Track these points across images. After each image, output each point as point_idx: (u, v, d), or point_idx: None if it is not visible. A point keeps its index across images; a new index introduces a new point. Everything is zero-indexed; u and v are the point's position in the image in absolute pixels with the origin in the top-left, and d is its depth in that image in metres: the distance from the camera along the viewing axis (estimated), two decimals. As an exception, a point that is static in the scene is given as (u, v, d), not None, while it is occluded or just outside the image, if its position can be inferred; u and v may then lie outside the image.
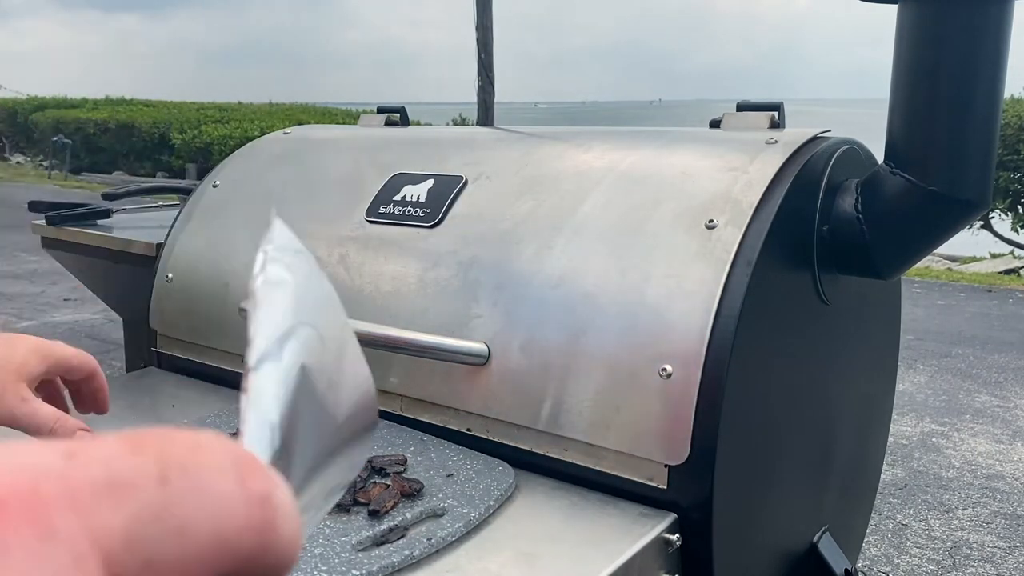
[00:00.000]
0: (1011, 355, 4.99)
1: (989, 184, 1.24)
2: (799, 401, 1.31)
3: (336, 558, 0.93)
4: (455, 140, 1.63)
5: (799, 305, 1.26)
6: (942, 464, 3.51)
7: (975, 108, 1.19)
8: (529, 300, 1.18)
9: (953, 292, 6.80)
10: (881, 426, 1.74)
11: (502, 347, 1.18)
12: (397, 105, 1.91)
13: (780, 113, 1.35)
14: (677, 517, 1.06)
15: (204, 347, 1.52)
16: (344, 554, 0.94)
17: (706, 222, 1.12)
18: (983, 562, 2.75)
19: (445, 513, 1.03)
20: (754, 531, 1.22)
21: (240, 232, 1.54)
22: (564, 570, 0.92)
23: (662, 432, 1.05)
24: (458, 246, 1.28)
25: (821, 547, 1.40)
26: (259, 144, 1.81)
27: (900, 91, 1.24)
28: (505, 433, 1.19)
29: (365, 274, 1.35)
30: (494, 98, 2.48)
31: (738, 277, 1.06)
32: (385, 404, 1.31)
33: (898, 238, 1.28)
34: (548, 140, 1.48)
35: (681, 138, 1.36)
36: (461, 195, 1.35)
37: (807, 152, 1.22)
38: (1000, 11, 1.16)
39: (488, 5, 2.38)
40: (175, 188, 2.68)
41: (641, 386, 1.07)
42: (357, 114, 8.01)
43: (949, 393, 4.35)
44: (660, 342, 1.07)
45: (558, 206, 1.25)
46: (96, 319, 5.43)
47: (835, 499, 1.51)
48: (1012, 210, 8.36)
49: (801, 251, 1.23)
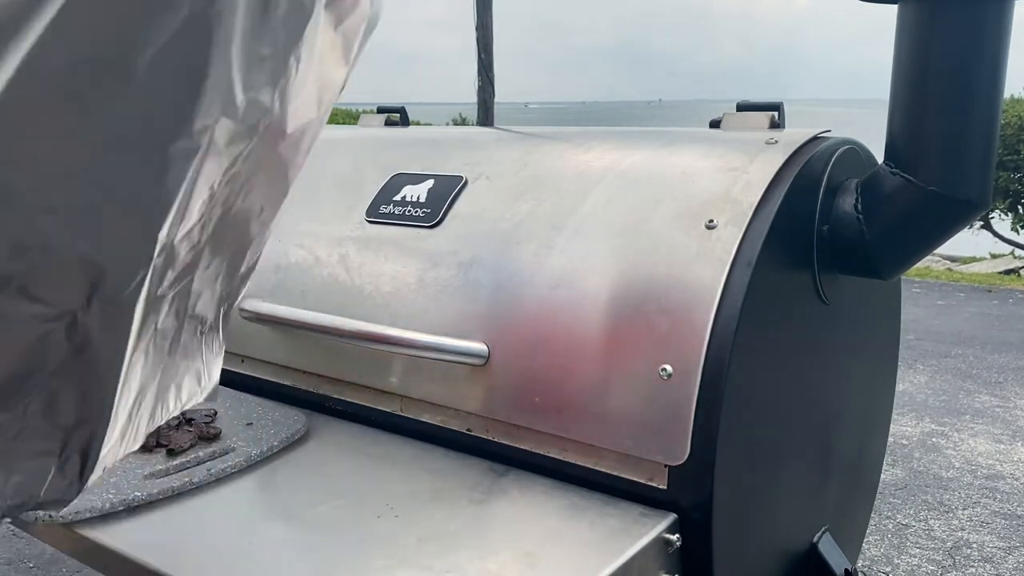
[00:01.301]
0: (1011, 355, 4.99)
1: (989, 184, 1.24)
2: (799, 401, 1.31)
3: (127, 484, 1.11)
4: (455, 140, 1.63)
5: (799, 305, 1.26)
6: (942, 464, 3.51)
7: (975, 108, 1.19)
8: (529, 300, 1.18)
9: (953, 292, 6.80)
10: (881, 426, 1.74)
11: (502, 347, 1.18)
12: (397, 105, 1.91)
13: (780, 113, 1.35)
14: (677, 517, 1.06)
15: (204, 347, 1.52)
16: (134, 481, 1.12)
17: (706, 222, 1.12)
18: (983, 562, 2.75)
19: (232, 451, 1.22)
20: (754, 531, 1.22)
21: (240, 232, 1.54)
22: (564, 570, 0.93)
23: (662, 432, 1.05)
24: (458, 246, 1.28)
25: (821, 547, 1.40)
26: (259, 144, 1.81)
27: (900, 91, 1.24)
28: (505, 433, 1.19)
29: (365, 274, 1.35)
30: (494, 98, 2.48)
31: (738, 277, 1.06)
32: (385, 404, 1.31)
33: (898, 238, 1.28)
34: (548, 140, 1.48)
35: (681, 138, 1.36)
36: (461, 195, 1.35)
37: (807, 152, 1.21)
38: (1000, 11, 1.16)
39: (488, 5, 2.38)
40: (175, 188, 2.67)
41: (641, 386, 1.07)
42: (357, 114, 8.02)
43: (949, 393, 4.35)
44: (660, 342, 1.07)
45: (558, 206, 1.25)
46: (96, 319, 5.41)
47: (835, 499, 1.51)
48: (1012, 210, 8.36)
49: (801, 251, 1.23)
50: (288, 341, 1.40)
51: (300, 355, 1.39)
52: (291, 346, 1.40)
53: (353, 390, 1.35)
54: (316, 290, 1.38)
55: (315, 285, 1.39)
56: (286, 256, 1.44)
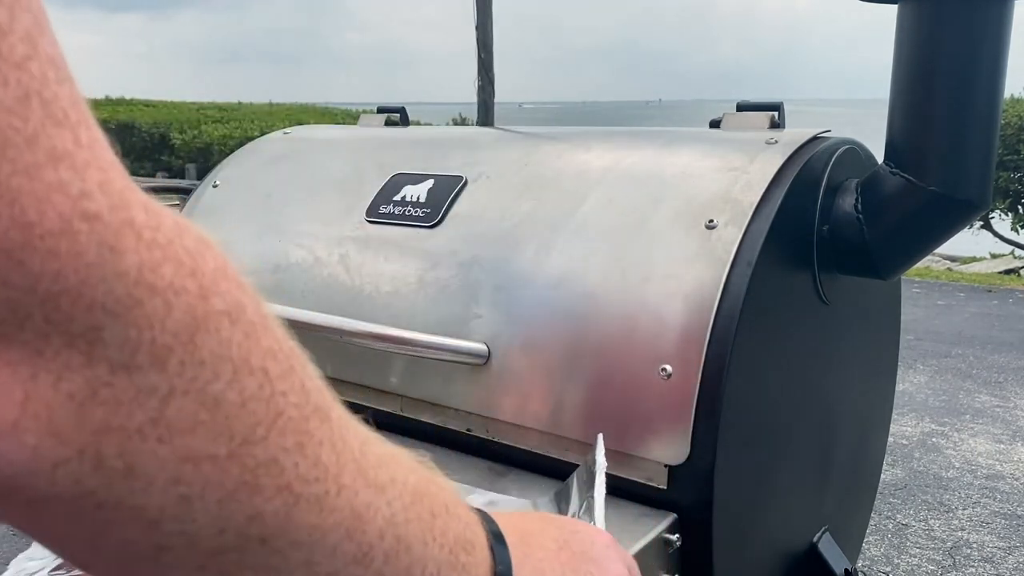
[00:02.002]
0: (1011, 355, 4.99)
1: (989, 184, 1.24)
2: (799, 401, 1.31)
3: None
4: (455, 140, 1.63)
5: (799, 305, 1.26)
6: (942, 464, 3.51)
7: (975, 108, 1.19)
8: (529, 300, 1.18)
9: (953, 292, 6.80)
10: (881, 426, 1.74)
11: (502, 347, 1.18)
12: (397, 105, 1.91)
13: (780, 113, 1.35)
14: (677, 517, 1.06)
15: (204, 347, 1.52)
16: None
17: (706, 222, 1.12)
18: (983, 562, 2.75)
19: None
20: (754, 531, 1.22)
21: (240, 232, 1.54)
22: (564, 570, 0.92)
23: (662, 432, 1.05)
24: (458, 246, 1.28)
25: (821, 547, 1.40)
26: (259, 144, 1.81)
27: (900, 91, 1.24)
28: (505, 433, 1.19)
29: (365, 274, 1.35)
30: (494, 98, 2.48)
31: (738, 277, 1.06)
32: (385, 404, 1.31)
33: (898, 238, 1.28)
34: (548, 140, 1.48)
35: (681, 138, 1.36)
36: (461, 195, 1.35)
37: (807, 152, 1.21)
38: (1000, 11, 1.16)
39: (488, 5, 2.38)
40: (175, 188, 2.69)
41: (641, 386, 1.07)
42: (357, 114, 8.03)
43: (949, 393, 4.35)
44: (660, 342, 1.07)
45: (558, 206, 1.25)
46: (96, 319, 5.42)
47: (835, 499, 1.51)
48: (1012, 210, 8.36)
49: (801, 251, 1.23)
50: (288, 341, 1.40)
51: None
52: (291, 346, 1.40)
53: (353, 390, 1.35)
54: (316, 290, 1.38)
55: (315, 285, 1.39)
56: (286, 256, 1.44)
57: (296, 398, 0.37)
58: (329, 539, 0.39)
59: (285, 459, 0.36)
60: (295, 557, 0.38)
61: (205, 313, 0.32)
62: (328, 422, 0.39)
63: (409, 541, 0.42)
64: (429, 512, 0.43)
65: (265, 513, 0.36)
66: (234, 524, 0.35)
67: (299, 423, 0.37)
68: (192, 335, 0.32)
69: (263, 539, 0.36)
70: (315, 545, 0.38)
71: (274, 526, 0.36)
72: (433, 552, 0.43)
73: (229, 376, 0.33)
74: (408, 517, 0.42)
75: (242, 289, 0.35)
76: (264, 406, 0.35)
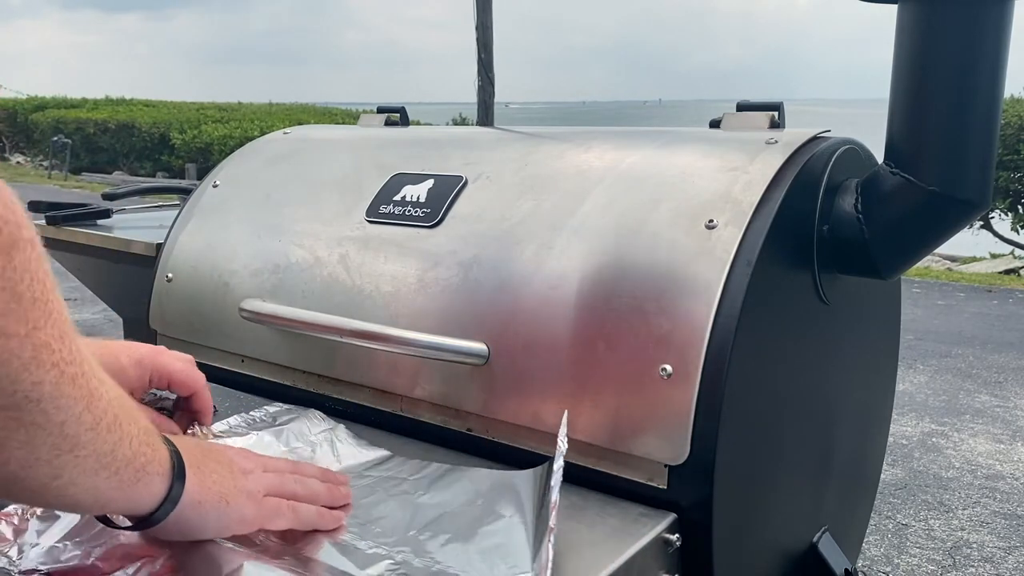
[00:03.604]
0: (1011, 355, 4.99)
1: (989, 184, 1.24)
2: (799, 401, 1.31)
3: None
4: (455, 140, 1.63)
5: (799, 305, 1.26)
6: (942, 464, 3.51)
7: (975, 108, 1.19)
8: (529, 300, 1.18)
9: (953, 292, 6.80)
10: (881, 426, 1.74)
11: (502, 347, 1.18)
12: (397, 105, 1.91)
13: (780, 113, 1.35)
14: (677, 517, 1.06)
15: (204, 347, 1.52)
16: None
17: (706, 222, 1.12)
18: (983, 562, 2.75)
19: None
20: (754, 531, 1.22)
21: (240, 232, 1.54)
22: (564, 570, 0.92)
23: (662, 432, 1.05)
24: (458, 246, 1.28)
25: (821, 547, 1.40)
26: (259, 144, 1.81)
27: (900, 91, 1.24)
28: (505, 433, 1.19)
29: (365, 274, 1.35)
30: (494, 98, 2.48)
31: (738, 277, 1.06)
32: (385, 404, 1.31)
33: (898, 238, 1.28)
34: (548, 140, 1.48)
35: (681, 138, 1.36)
36: (461, 195, 1.35)
37: (807, 152, 1.21)
38: (1000, 11, 1.16)
39: (488, 5, 2.38)
40: (175, 188, 2.68)
41: (641, 386, 1.07)
42: (357, 114, 8.03)
43: (949, 393, 4.35)
44: (660, 342, 1.07)
45: (558, 206, 1.25)
46: (96, 319, 5.43)
47: (835, 499, 1.51)
48: (1012, 210, 8.37)
49: (801, 251, 1.23)
50: (288, 341, 1.40)
51: (300, 355, 1.39)
52: (291, 346, 1.40)
53: (353, 390, 1.35)
54: (316, 290, 1.38)
55: (315, 285, 1.39)
56: (286, 256, 1.44)
57: (58, 305, 0.57)
58: (77, 407, 0.60)
59: (57, 344, 0.57)
60: (55, 418, 0.58)
61: (19, 238, 0.53)
62: (71, 327, 0.59)
63: (121, 420, 0.66)
64: (129, 406, 0.69)
65: (44, 381, 0.56)
66: (22, 387, 0.55)
67: (60, 323, 0.57)
68: (10, 252, 0.52)
69: (39, 400, 0.56)
70: (69, 409, 0.59)
71: (48, 392, 0.56)
72: (133, 431, 0.68)
73: (28, 280, 0.54)
74: (122, 404, 0.67)
75: (31, 226, 0.55)
76: (44, 305, 0.55)
